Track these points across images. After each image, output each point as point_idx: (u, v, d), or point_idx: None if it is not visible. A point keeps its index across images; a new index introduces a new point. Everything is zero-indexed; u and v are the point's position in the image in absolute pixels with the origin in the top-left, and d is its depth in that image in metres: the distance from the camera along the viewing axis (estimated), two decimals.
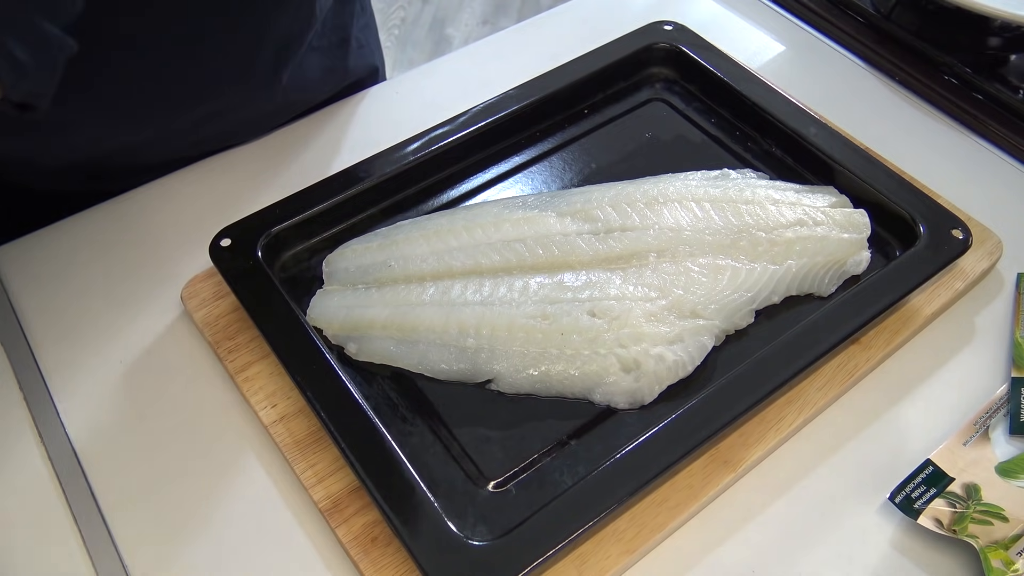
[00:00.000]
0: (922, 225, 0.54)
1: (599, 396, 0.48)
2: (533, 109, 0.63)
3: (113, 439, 0.50)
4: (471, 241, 0.54)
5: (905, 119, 0.68)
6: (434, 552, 0.41)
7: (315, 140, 0.66)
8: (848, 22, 0.75)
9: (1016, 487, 0.46)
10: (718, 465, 0.47)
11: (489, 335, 0.49)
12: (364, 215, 0.58)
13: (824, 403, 0.50)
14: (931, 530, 0.45)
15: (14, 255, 0.59)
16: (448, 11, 2.17)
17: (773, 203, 0.55)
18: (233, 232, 0.54)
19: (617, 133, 0.64)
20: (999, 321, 0.55)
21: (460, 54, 0.75)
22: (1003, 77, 0.70)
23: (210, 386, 0.52)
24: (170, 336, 0.54)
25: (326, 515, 0.45)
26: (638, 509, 0.45)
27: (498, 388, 0.49)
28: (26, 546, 0.46)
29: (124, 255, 0.59)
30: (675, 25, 0.68)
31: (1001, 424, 0.50)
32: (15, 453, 0.49)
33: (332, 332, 0.51)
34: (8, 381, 0.52)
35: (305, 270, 0.56)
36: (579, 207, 0.55)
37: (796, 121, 0.61)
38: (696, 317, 0.50)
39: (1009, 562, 0.43)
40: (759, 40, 0.75)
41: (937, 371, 0.53)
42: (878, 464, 0.49)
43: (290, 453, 0.48)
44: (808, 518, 0.47)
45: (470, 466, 0.46)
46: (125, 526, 0.46)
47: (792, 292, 0.53)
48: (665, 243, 0.53)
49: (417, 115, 0.65)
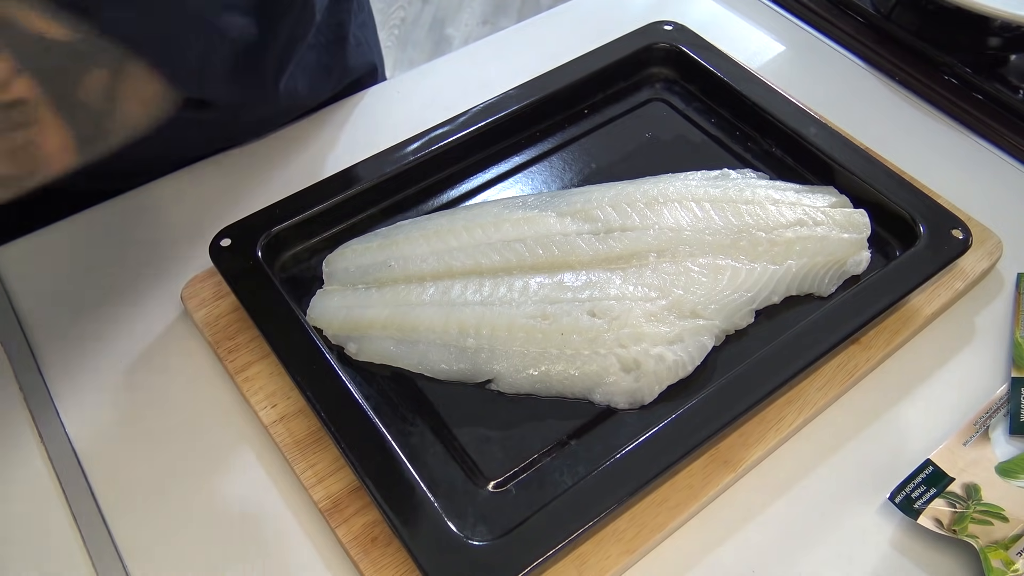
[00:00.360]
0: (922, 225, 0.54)
1: (599, 396, 0.48)
2: (533, 109, 0.63)
3: (113, 439, 0.50)
4: (471, 241, 0.54)
5: (905, 119, 0.68)
6: (434, 552, 0.41)
7: (315, 140, 0.66)
8: (848, 22, 0.75)
9: (1016, 487, 0.46)
10: (718, 465, 0.47)
11: (489, 335, 0.49)
12: (364, 215, 0.58)
13: (824, 403, 0.50)
14: (931, 530, 0.45)
15: (14, 255, 0.59)
16: (448, 11, 2.17)
17: (773, 203, 0.55)
18: (233, 232, 0.54)
19: (617, 133, 0.64)
20: (999, 321, 0.55)
21: (460, 54, 0.75)
22: (1003, 77, 0.70)
23: (210, 386, 0.52)
24: (170, 336, 0.54)
25: (326, 515, 0.45)
26: (638, 509, 0.45)
27: (498, 388, 0.49)
28: (26, 546, 0.46)
29: (124, 255, 0.59)
30: (675, 25, 0.68)
31: (1001, 424, 0.50)
32: (15, 453, 0.49)
33: (332, 332, 0.51)
34: (8, 381, 0.52)
35: (305, 270, 0.56)
36: (579, 207, 0.55)
37: (796, 121, 0.61)
38: (696, 317, 0.50)
39: (1009, 562, 0.43)
40: (759, 40, 0.75)
41: (937, 371, 0.53)
42: (878, 464, 0.49)
43: (290, 453, 0.48)
44: (808, 518, 0.47)
45: (470, 466, 0.46)
46: (125, 526, 0.46)
47: (792, 292, 0.53)
48: (665, 243, 0.53)
49: (417, 115, 0.65)
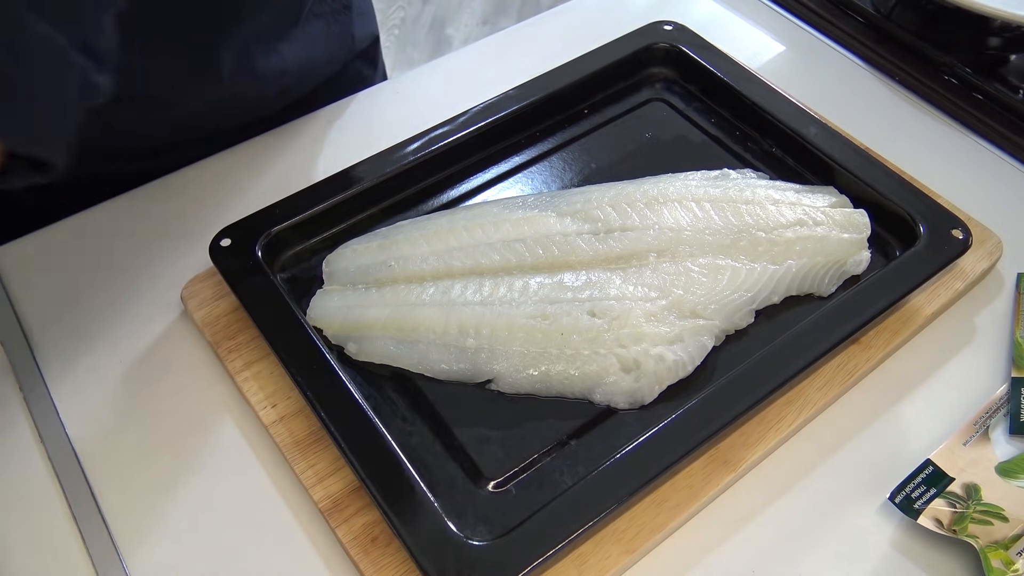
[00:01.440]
0: (922, 225, 0.54)
1: (599, 396, 0.48)
2: (533, 109, 0.63)
3: (113, 439, 0.50)
4: (471, 241, 0.54)
5: (905, 119, 0.68)
6: (434, 552, 0.41)
7: (315, 140, 0.66)
8: (848, 22, 0.75)
9: (1016, 487, 0.46)
10: (718, 465, 0.47)
11: (489, 335, 0.49)
12: (364, 215, 0.58)
13: (824, 403, 0.50)
14: (931, 530, 0.45)
15: (14, 255, 0.59)
16: (448, 11, 2.17)
17: (773, 203, 0.55)
18: (233, 232, 0.54)
19: (617, 133, 0.64)
20: (999, 321, 0.55)
21: (460, 54, 0.75)
22: (1003, 77, 0.70)
23: (210, 386, 0.52)
24: (170, 336, 0.54)
25: (326, 515, 0.45)
26: (638, 509, 0.45)
27: (498, 388, 0.49)
28: (26, 546, 0.46)
29: (124, 255, 0.59)
30: (675, 25, 0.68)
31: (1001, 424, 0.50)
32: (15, 453, 0.49)
33: (332, 332, 0.51)
34: (8, 381, 0.52)
35: (305, 270, 0.56)
36: (579, 207, 0.55)
37: (796, 121, 0.61)
38: (696, 317, 0.50)
39: (1009, 562, 0.43)
40: (759, 40, 0.75)
41: (937, 371, 0.53)
42: (878, 464, 0.49)
43: (290, 453, 0.48)
44: (808, 518, 0.47)
45: (470, 466, 0.46)
46: (125, 526, 0.46)
47: (792, 292, 0.53)
48: (665, 243, 0.53)
49: (417, 115, 0.65)
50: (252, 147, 0.65)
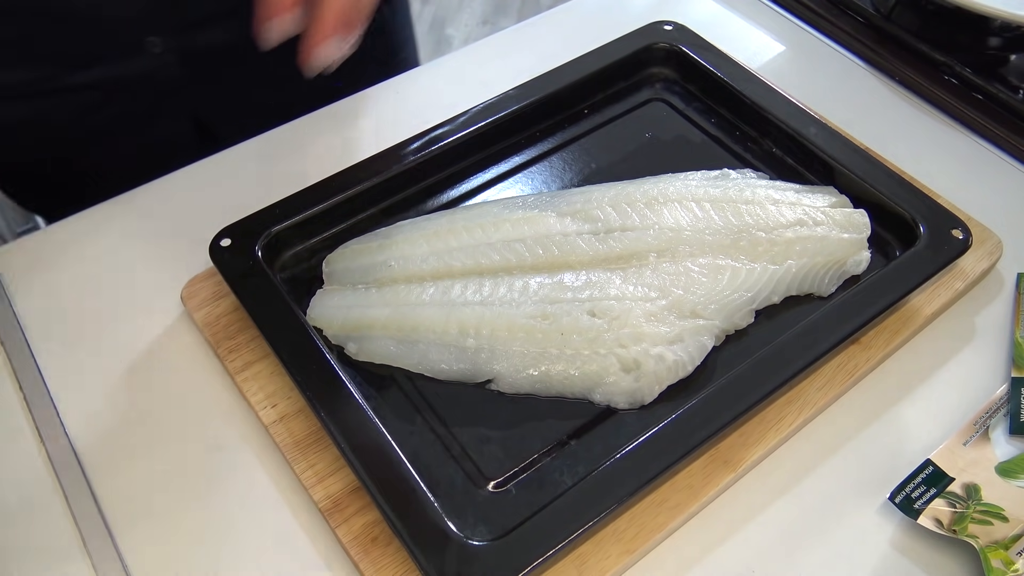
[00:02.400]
0: (922, 225, 0.54)
1: (599, 396, 0.48)
2: (533, 109, 0.63)
3: (113, 439, 0.50)
4: (471, 241, 0.54)
5: (905, 119, 0.68)
6: (434, 552, 0.41)
7: (315, 140, 0.66)
8: (848, 22, 0.75)
9: (1016, 487, 0.46)
10: (718, 465, 0.47)
11: (489, 335, 0.49)
12: (364, 215, 0.58)
13: (824, 403, 0.50)
14: (931, 530, 0.45)
15: (14, 255, 0.59)
16: (448, 11, 2.17)
17: (773, 203, 0.55)
18: (233, 232, 0.54)
19: (617, 133, 0.64)
20: (999, 321, 0.55)
21: (460, 54, 0.75)
22: (1003, 77, 0.70)
23: (210, 386, 0.52)
24: (170, 336, 0.54)
25: (326, 515, 0.45)
26: (638, 509, 0.45)
27: (498, 388, 0.49)
28: (26, 546, 0.46)
29: (124, 255, 0.59)
30: (675, 25, 0.68)
31: (1001, 424, 0.50)
32: (15, 453, 0.49)
33: (332, 332, 0.51)
34: (8, 381, 0.52)
35: (305, 270, 0.56)
36: (579, 207, 0.55)
37: (796, 121, 0.61)
38: (696, 317, 0.50)
39: (1009, 562, 0.43)
40: (759, 40, 0.75)
41: (937, 371, 0.53)
42: (878, 464, 0.49)
43: (290, 453, 0.48)
44: (808, 518, 0.47)
45: (470, 466, 0.46)
46: (125, 526, 0.46)
47: (792, 292, 0.53)
48: (665, 243, 0.53)
49: (417, 115, 0.65)
50: (252, 146, 0.65)
